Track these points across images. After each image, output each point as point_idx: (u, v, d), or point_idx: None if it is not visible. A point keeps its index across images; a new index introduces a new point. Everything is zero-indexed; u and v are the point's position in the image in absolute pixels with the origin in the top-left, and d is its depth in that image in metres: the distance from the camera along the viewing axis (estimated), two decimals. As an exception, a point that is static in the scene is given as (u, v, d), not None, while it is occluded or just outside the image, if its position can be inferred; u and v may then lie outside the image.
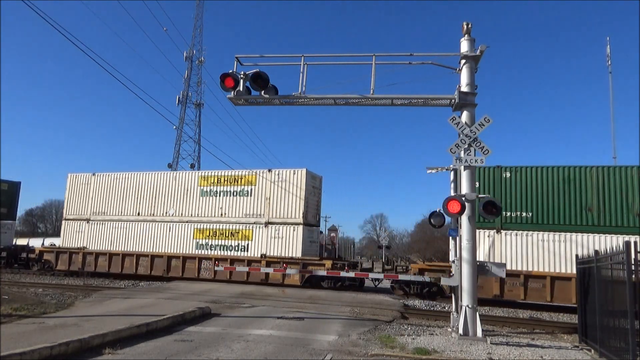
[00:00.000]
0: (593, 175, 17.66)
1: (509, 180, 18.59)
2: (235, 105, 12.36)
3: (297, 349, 8.68)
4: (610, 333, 8.30)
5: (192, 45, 55.70)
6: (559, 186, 17.96)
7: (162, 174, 24.75)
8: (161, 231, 23.62)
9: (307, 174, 21.94)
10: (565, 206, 17.75)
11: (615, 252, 8.11)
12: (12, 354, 6.52)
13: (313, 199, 22.79)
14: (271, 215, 22.00)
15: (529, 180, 18.39)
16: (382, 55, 11.44)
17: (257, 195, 22.41)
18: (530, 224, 18.02)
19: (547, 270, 17.40)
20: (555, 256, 17.42)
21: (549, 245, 17.63)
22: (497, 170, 18.82)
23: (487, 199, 10.69)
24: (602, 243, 16.57)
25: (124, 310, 12.55)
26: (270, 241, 21.77)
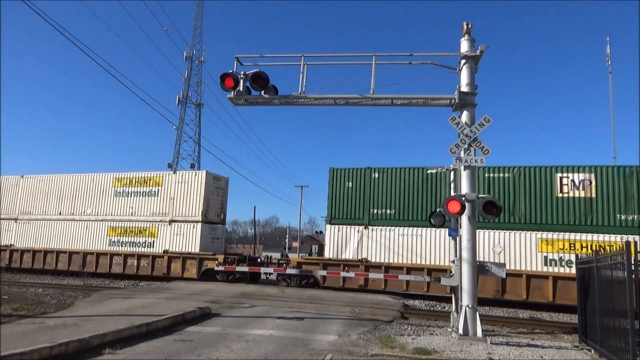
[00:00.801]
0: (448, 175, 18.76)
1: (377, 180, 20.66)
2: (235, 105, 12.36)
3: (297, 349, 8.68)
4: (610, 333, 8.30)
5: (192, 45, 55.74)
6: (418, 185, 20.02)
7: (81, 176, 26.39)
8: (79, 229, 25.40)
9: (207, 175, 23.75)
10: (423, 204, 19.80)
11: (615, 252, 8.11)
12: (12, 354, 6.52)
13: (216, 198, 24.53)
14: (175, 214, 23.77)
15: (394, 180, 20.44)
16: (382, 55, 11.45)
17: (163, 195, 24.22)
18: (393, 220, 20.10)
19: (404, 262, 19.39)
20: (413, 249, 19.52)
21: (408, 240, 19.69)
22: (367, 171, 20.93)
23: (487, 199, 10.69)
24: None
25: (124, 310, 12.55)
26: (173, 238, 23.51)
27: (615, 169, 18.15)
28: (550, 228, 18.26)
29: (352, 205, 21.02)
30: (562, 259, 17.89)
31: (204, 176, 23.57)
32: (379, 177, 20.73)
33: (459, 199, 10.52)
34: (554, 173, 18.63)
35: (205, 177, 23.56)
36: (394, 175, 20.55)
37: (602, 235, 17.62)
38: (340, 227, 20.97)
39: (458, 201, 10.43)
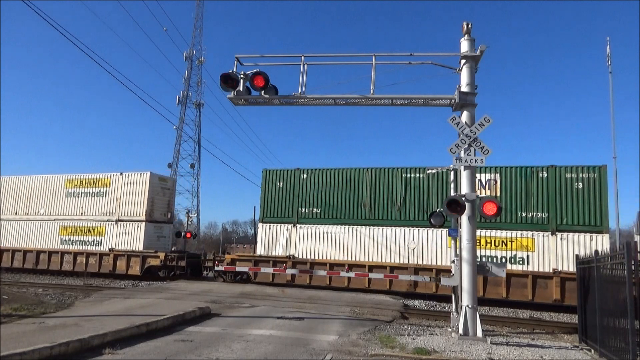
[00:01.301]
0: (367, 176, 20.90)
1: (305, 181, 21.90)
2: (235, 105, 12.36)
3: (297, 349, 8.68)
4: (610, 333, 8.30)
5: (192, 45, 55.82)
6: (342, 186, 21.28)
7: (35, 177, 27.32)
8: (33, 228, 26.49)
9: (152, 176, 24.84)
10: (346, 202, 21.06)
11: (615, 252, 8.11)
12: (12, 354, 6.52)
13: (162, 198, 25.67)
14: (121, 214, 24.85)
15: (321, 181, 21.68)
16: (382, 55, 11.45)
17: (110, 196, 25.33)
18: (319, 218, 21.31)
19: (328, 258, 20.66)
20: (336, 246, 20.81)
21: (332, 237, 20.95)
22: (297, 172, 22.21)
23: (488, 199, 10.68)
24: (375, 233, 20.27)
25: (124, 310, 12.55)
26: (119, 237, 24.61)
27: (517, 169, 19.27)
28: None
29: (283, 204, 22.11)
30: None
31: (148, 177, 24.62)
32: (307, 177, 21.89)
33: (459, 199, 10.51)
34: None
35: (149, 178, 24.62)
36: (321, 176, 21.71)
37: (506, 231, 18.73)
38: (271, 226, 22.04)
39: (458, 201, 10.43)
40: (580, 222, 18.10)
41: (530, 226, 18.55)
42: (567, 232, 18.10)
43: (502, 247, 18.75)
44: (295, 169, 22.29)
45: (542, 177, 18.84)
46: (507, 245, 18.69)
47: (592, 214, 18.06)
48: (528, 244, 18.51)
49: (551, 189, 18.65)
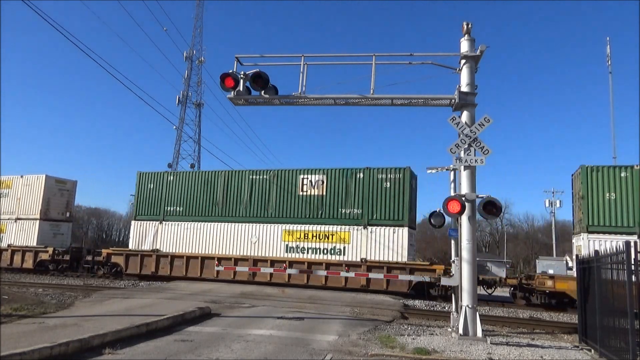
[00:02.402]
0: (221, 178, 23.35)
1: (171, 183, 24.29)
2: (235, 105, 12.36)
3: (297, 349, 8.68)
4: (610, 333, 8.30)
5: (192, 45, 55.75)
6: (200, 187, 23.70)
7: None
8: None
9: (47, 179, 27.15)
10: (204, 202, 23.46)
11: (615, 252, 8.11)
12: (12, 354, 6.52)
13: (60, 199, 27.88)
14: (20, 213, 27.10)
15: (184, 183, 24.14)
16: (382, 55, 11.45)
17: (12, 196, 27.55)
18: (181, 216, 23.77)
19: (185, 252, 23.07)
20: (194, 240, 23.15)
21: (191, 232, 23.32)
22: (165, 174, 24.91)
23: (487, 199, 10.68)
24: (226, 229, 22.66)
25: (124, 310, 12.55)
26: (17, 234, 26.88)
27: (340, 170, 21.59)
28: (292, 221, 21.80)
29: (152, 203, 24.55)
30: (298, 246, 21.52)
31: (44, 180, 27.04)
32: (172, 179, 24.49)
33: (459, 199, 10.51)
34: (298, 175, 22.13)
35: (45, 180, 27.02)
36: (184, 178, 24.39)
37: (328, 226, 21.12)
38: (141, 223, 24.51)
39: (458, 201, 10.43)
40: (386, 217, 20.45)
41: (348, 221, 20.92)
42: (376, 226, 20.43)
43: (325, 240, 21.20)
44: (164, 171, 25.32)
45: (359, 178, 21.11)
46: (329, 238, 21.11)
47: (396, 210, 20.40)
48: (345, 237, 20.87)
49: (365, 188, 20.93)
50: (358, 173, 21.17)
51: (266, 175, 22.60)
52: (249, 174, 23.04)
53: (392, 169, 20.81)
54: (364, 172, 21.08)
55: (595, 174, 18.21)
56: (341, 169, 21.52)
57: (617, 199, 17.82)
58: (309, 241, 21.28)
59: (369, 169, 21.08)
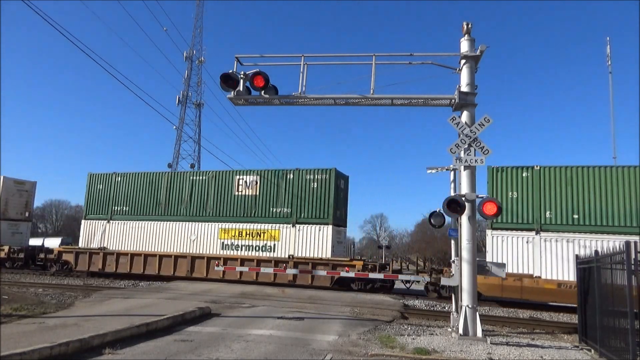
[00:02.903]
0: (164, 179, 24.73)
1: (119, 184, 25.57)
2: (235, 105, 12.36)
3: (297, 349, 8.68)
4: (610, 333, 8.30)
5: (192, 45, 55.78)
6: (145, 187, 24.96)
7: None
8: None
9: (5, 180, 27.79)
10: (149, 201, 24.76)
11: (615, 252, 8.11)
12: (12, 354, 6.52)
13: (19, 199, 28.73)
14: None
15: (131, 183, 25.35)
16: (382, 55, 11.44)
17: None
18: (127, 215, 25.04)
19: (130, 249, 24.15)
20: (139, 238, 24.47)
21: (136, 231, 24.61)
22: (113, 175, 25.98)
23: (487, 199, 10.67)
24: (168, 227, 24.02)
25: (124, 310, 12.55)
26: None
27: (272, 172, 22.94)
28: (227, 220, 23.04)
29: (101, 203, 25.79)
30: (233, 244, 22.71)
31: (2, 181, 27.60)
32: (120, 180, 25.62)
33: (459, 199, 10.51)
34: (234, 176, 23.47)
35: (3, 181, 27.64)
36: (131, 179, 25.44)
37: (261, 224, 22.42)
38: (91, 222, 25.72)
39: (458, 201, 10.43)
40: (313, 215, 21.71)
41: (278, 220, 22.18)
42: (304, 224, 21.73)
43: (257, 238, 22.44)
44: (112, 172, 26.15)
45: (289, 179, 22.37)
46: (260, 236, 22.36)
47: (321, 209, 21.67)
48: (275, 234, 22.12)
49: (295, 188, 22.16)
50: (288, 174, 22.49)
51: (205, 176, 24.00)
52: (189, 175, 24.65)
53: (319, 170, 22.08)
54: (294, 173, 22.39)
55: (500, 174, 19.33)
56: (273, 170, 22.92)
57: (519, 197, 18.89)
58: (243, 239, 22.58)
59: (298, 169, 22.38)
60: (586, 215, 17.88)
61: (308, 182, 22.01)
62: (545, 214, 18.39)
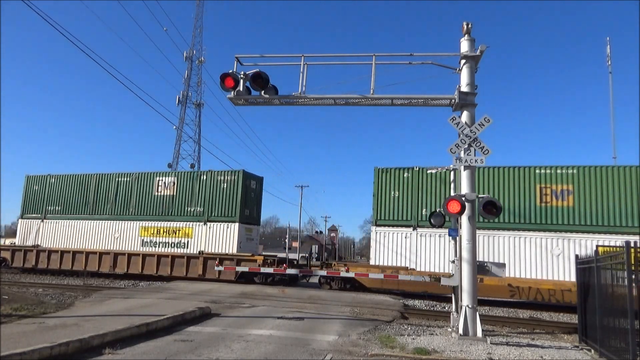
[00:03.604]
0: (93, 180, 26.54)
1: (53, 185, 27.27)
2: (235, 105, 12.36)
3: (297, 349, 8.68)
4: (610, 333, 8.30)
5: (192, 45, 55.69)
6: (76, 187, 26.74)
7: None
8: None
9: None
10: (79, 201, 26.52)
11: (615, 252, 8.11)
12: (12, 354, 6.52)
13: None
14: None
15: (63, 184, 27.04)
16: (382, 55, 11.44)
17: None
18: (60, 214, 26.72)
19: (59, 247, 25.67)
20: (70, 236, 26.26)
21: (67, 229, 26.32)
22: (48, 177, 27.63)
23: (487, 199, 10.68)
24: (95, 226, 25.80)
25: (124, 310, 12.55)
26: None
27: (189, 173, 25.12)
28: (147, 218, 24.91)
29: (36, 203, 27.55)
30: (152, 241, 24.57)
31: None
32: (54, 182, 27.30)
33: (459, 199, 10.51)
34: (155, 177, 25.20)
35: None
36: (63, 180, 27.12)
37: (177, 222, 24.27)
38: (28, 221, 27.55)
39: (458, 201, 10.43)
40: (222, 214, 23.54)
41: (192, 218, 24.03)
42: (214, 222, 23.58)
43: (173, 235, 24.18)
44: (47, 174, 27.70)
45: (203, 179, 24.19)
46: (176, 233, 24.08)
47: (230, 208, 23.41)
48: (189, 232, 23.94)
49: (207, 188, 23.92)
50: (202, 175, 24.45)
51: (129, 178, 25.78)
52: (115, 176, 26.18)
53: (229, 172, 23.98)
54: (207, 174, 24.30)
55: (384, 174, 21.04)
56: (189, 172, 25.19)
57: (400, 196, 20.66)
58: (161, 236, 24.44)
59: (211, 171, 24.31)
60: None
61: (219, 183, 23.83)
62: (422, 211, 20.19)
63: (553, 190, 18.94)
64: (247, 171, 24.20)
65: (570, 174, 18.86)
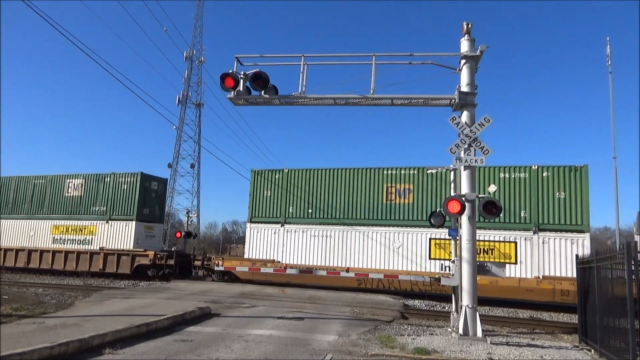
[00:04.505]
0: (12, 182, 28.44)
1: (10, 187, 28.76)
2: (235, 105, 12.35)
3: (297, 349, 8.68)
4: (610, 333, 8.30)
5: (192, 45, 55.72)
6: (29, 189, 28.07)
7: None
8: None
9: None
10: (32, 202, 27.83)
11: (615, 252, 8.11)
12: (12, 354, 6.52)
13: None
14: None
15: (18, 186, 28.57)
16: (382, 55, 11.44)
17: None
18: (16, 214, 28.15)
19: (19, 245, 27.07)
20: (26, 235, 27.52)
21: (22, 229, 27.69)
22: (5, 179, 29.21)
23: (487, 199, 10.68)
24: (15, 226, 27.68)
25: (124, 310, 12.55)
26: None
27: (96, 175, 26.68)
28: (59, 217, 26.78)
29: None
30: (62, 238, 26.49)
31: None
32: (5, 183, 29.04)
33: (459, 199, 10.51)
34: (66, 179, 27.15)
35: None
36: (17, 182, 28.60)
37: (83, 221, 26.14)
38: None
39: (458, 201, 10.43)
40: (122, 212, 25.50)
41: (96, 217, 26.09)
42: (115, 220, 25.61)
43: (80, 233, 26.24)
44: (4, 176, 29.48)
45: (107, 181, 26.16)
46: (82, 231, 26.18)
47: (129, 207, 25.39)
48: (93, 229, 26.01)
49: (110, 189, 26.08)
50: (106, 177, 26.28)
51: (43, 180, 27.73)
52: (32, 178, 28.00)
53: (129, 174, 25.90)
54: (110, 176, 26.18)
55: (259, 176, 23.36)
56: (95, 174, 26.72)
57: (272, 195, 22.92)
58: (69, 234, 26.37)
59: (114, 173, 26.24)
60: (317, 209, 21.89)
61: (120, 185, 25.86)
62: (289, 209, 22.31)
63: (397, 189, 20.77)
64: (147, 173, 26.23)
65: (411, 174, 20.67)
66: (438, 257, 19.56)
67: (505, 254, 18.78)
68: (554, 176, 18.87)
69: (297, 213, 22.21)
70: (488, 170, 19.66)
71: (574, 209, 18.37)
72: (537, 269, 18.24)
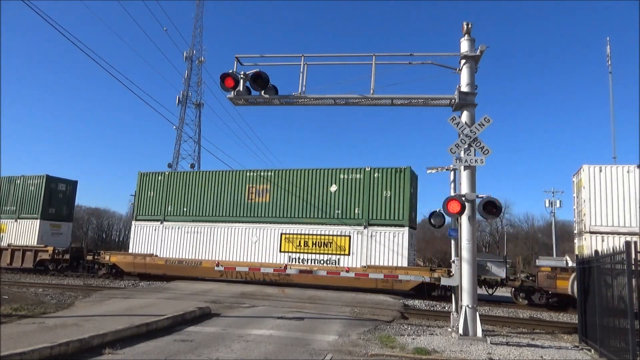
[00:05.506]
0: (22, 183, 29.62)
1: None
2: (235, 105, 12.35)
3: (297, 349, 8.68)
4: (610, 333, 8.30)
5: (192, 45, 55.73)
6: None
7: None
8: None
9: None
10: None
11: (615, 252, 8.11)
12: (12, 354, 6.52)
13: None
14: None
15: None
16: (382, 55, 11.45)
17: None
18: None
19: None
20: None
21: None
22: None
23: (487, 199, 10.67)
24: None
25: (124, 310, 12.55)
26: None
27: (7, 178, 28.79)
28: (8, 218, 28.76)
29: None
30: None
31: None
32: None
33: (459, 199, 10.51)
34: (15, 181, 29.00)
35: None
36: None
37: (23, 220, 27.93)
38: None
39: (458, 201, 10.42)
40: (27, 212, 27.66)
41: (7, 216, 27.95)
42: (23, 219, 27.53)
43: None
44: None
45: (17, 183, 28.32)
46: None
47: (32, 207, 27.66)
48: (3, 227, 27.75)
49: (19, 190, 27.95)
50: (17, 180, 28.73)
51: (36, 181, 28.90)
52: (15, 179, 29.33)
53: (36, 176, 28.25)
54: (20, 179, 28.63)
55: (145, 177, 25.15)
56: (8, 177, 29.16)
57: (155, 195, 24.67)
58: None
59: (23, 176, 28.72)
60: (190, 208, 23.79)
61: (28, 186, 28.23)
62: (168, 208, 24.26)
63: (257, 189, 22.71)
64: (53, 176, 28.53)
65: (269, 175, 22.63)
66: (287, 250, 21.48)
67: (341, 246, 20.68)
68: (383, 177, 20.66)
69: (174, 211, 24.16)
70: (331, 171, 21.67)
71: (397, 205, 20.25)
72: (365, 259, 20.24)
